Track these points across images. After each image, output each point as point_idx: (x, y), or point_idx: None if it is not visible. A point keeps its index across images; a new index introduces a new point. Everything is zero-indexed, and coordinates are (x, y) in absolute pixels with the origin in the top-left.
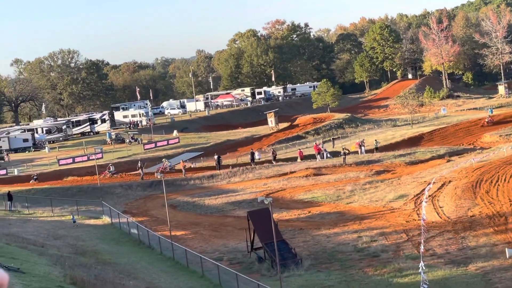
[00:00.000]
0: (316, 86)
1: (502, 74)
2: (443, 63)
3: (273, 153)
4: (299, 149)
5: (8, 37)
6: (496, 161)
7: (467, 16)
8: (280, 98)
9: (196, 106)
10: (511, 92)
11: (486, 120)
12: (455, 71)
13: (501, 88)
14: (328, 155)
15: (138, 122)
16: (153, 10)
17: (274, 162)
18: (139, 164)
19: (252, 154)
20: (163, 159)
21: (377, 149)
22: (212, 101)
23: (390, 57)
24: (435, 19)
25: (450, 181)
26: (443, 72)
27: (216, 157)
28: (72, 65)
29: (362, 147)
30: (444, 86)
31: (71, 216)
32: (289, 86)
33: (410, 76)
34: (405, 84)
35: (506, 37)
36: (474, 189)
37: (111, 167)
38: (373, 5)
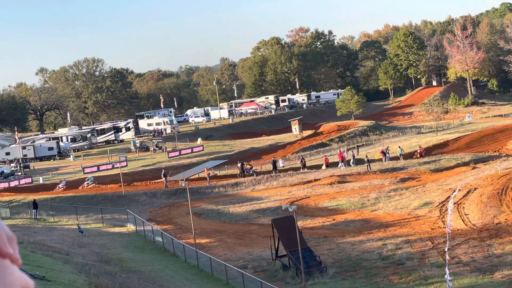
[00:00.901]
0: (340, 93)
1: None
2: (467, 70)
3: (302, 160)
4: (325, 156)
5: (34, 46)
6: None
7: (492, 23)
8: (304, 106)
9: (220, 114)
10: None
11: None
12: (480, 78)
13: None
14: (351, 163)
15: (163, 130)
16: (177, 19)
17: (303, 169)
18: (163, 172)
19: (274, 162)
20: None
21: (402, 155)
22: (236, 109)
23: (414, 64)
24: (459, 26)
25: (475, 188)
26: (467, 79)
27: (239, 165)
28: (97, 73)
29: (387, 155)
30: (469, 93)
31: (77, 226)
32: (313, 93)
33: (434, 83)
34: (430, 91)
35: None
36: (500, 196)
37: (89, 179)
38: (397, 12)
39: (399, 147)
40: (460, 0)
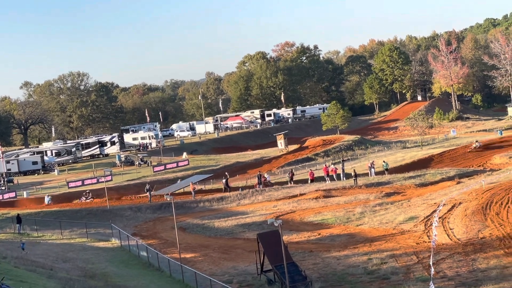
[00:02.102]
0: (326, 108)
1: None
2: (452, 85)
3: (289, 174)
4: (310, 170)
5: (18, 60)
6: (506, 182)
7: (476, 38)
8: (289, 120)
9: (205, 128)
10: None
11: (474, 145)
12: (464, 92)
13: (511, 110)
14: (342, 176)
15: (148, 145)
16: (162, 33)
17: (290, 183)
18: (147, 187)
19: (259, 177)
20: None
21: (387, 170)
22: (221, 123)
23: (399, 79)
24: (444, 41)
25: (460, 203)
26: (452, 93)
27: (224, 180)
28: (82, 87)
29: (372, 169)
30: (454, 107)
31: (20, 242)
32: (299, 108)
33: (419, 97)
34: (415, 105)
35: None
36: (484, 211)
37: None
38: (382, 27)
39: (384, 161)
40: (445, 15)
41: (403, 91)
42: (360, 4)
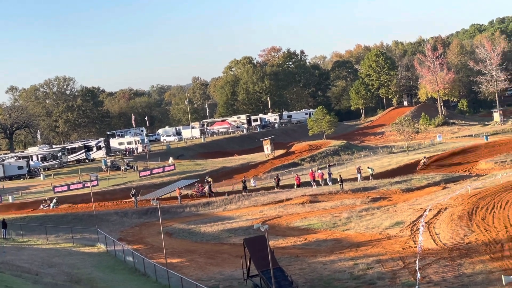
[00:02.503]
0: (312, 113)
1: (497, 101)
2: (438, 90)
3: (276, 179)
4: (296, 175)
5: (4, 64)
6: (492, 188)
7: (462, 44)
8: (276, 125)
9: (192, 133)
10: (506, 119)
11: (422, 161)
12: (450, 98)
13: (496, 115)
14: (328, 181)
15: (134, 149)
16: (148, 38)
17: (277, 188)
18: (132, 192)
19: (244, 182)
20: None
21: (372, 175)
22: (208, 128)
23: (385, 84)
24: (430, 47)
25: (446, 208)
26: (438, 99)
27: (207, 186)
28: (68, 92)
29: (359, 174)
30: (440, 113)
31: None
32: (285, 113)
33: (405, 103)
34: (401, 111)
35: (501, 64)
36: (470, 216)
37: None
38: (368, 33)
39: (368, 167)
40: (431, 21)
41: (389, 97)
42: (346, 9)
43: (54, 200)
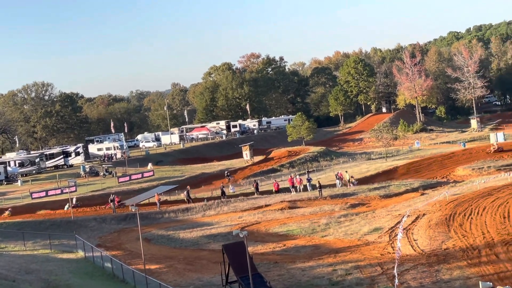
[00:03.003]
0: (291, 119)
1: (474, 108)
2: (416, 97)
3: (254, 184)
4: (275, 181)
5: None
6: (469, 194)
7: (440, 51)
8: (255, 131)
9: (171, 139)
10: (483, 126)
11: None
12: (428, 105)
13: (474, 122)
14: (308, 186)
15: (113, 155)
16: (128, 44)
17: (256, 194)
18: (111, 197)
19: (222, 188)
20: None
21: (349, 181)
22: (187, 134)
23: (364, 90)
24: (408, 54)
25: (424, 214)
26: (416, 105)
27: (185, 192)
28: (46, 98)
29: (338, 180)
30: (418, 119)
31: None
32: (264, 119)
33: (384, 109)
34: (379, 117)
35: (478, 71)
36: (448, 222)
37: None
38: (347, 39)
39: (346, 171)
40: (409, 28)
41: (368, 103)
42: (325, 16)
43: (75, 199)
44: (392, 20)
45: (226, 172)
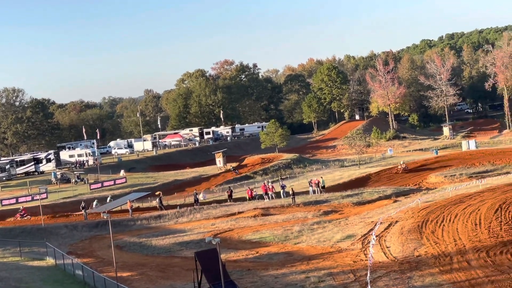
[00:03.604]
0: (265, 126)
1: (447, 115)
2: (389, 105)
3: (228, 191)
4: (248, 188)
5: None
6: (441, 201)
7: (413, 59)
8: (228, 138)
9: (143, 145)
10: (455, 133)
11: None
12: (401, 112)
13: (446, 130)
14: (282, 193)
15: (85, 162)
16: (100, 50)
17: (230, 200)
18: (82, 204)
19: (195, 195)
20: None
21: (324, 188)
22: (160, 140)
23: (337, 98)
24: (381, 61)
25: (396, 221)
26: (389, 113)
27: (157, 199)
28: (17, 103)
29: (311, 187)
30: (391, 127)
31: None
32: (238, 126)
33: (357, 117)
34: (353, 125)
35: (450, 79)
36: (420, 229)
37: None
38: (321, 47)
39: (321, 177)
40: (382, 36)
41: (341, 110)
42: (299, 23)
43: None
44: (366, 27)
45: (231, 167)
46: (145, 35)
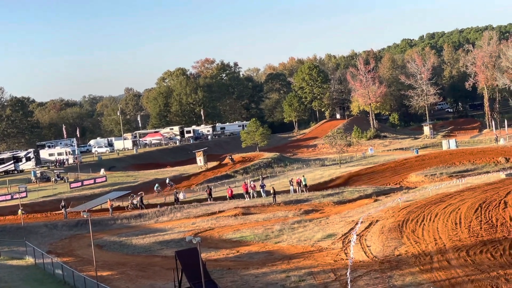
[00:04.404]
0: (245, 125)
1: (427, 115)
2: (370, 104)
3: (207, 190)
4: (229, 187)
5: None
6: (422, 200)
7: (393, 58)
8: (209, 137)
9: (124, 144)
10: (435, 133)
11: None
12: (382, 111)
13: (426, 129)
14: (262, 192)
15: (65, 161)
16: (81, 47)
17: (209, 199)
18: (62, 203)
19: (176, 194)
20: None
21: (306, 186)
22: (140, 139)
23: (318, 97)
24: (362, 60)
25: (377, 221)
26: (370, 112)
27: (139, 198)
28: None
29: (291, 186)
30: (372, 126)
31: None
32: (218, 125)
33: (338, 116)
34: (334, 124)
35: (431, 79)
36: (401, 228)
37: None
38: (301, 45)
39: (303, 175)
40: (363, 35)
41: (322, 109)
42: (280, 22)
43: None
44: (346, 26)
45: (229, 156)
46: (126, 33)
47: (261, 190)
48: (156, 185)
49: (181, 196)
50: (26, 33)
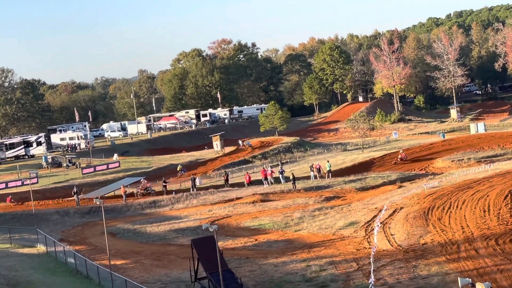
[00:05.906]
0: (264, 108)
1: (454, 97)
2: (394, 86)
3: (224, 176)
4: (247, 173)
5: None
6: (448, 187)
7: (419, 38)
8: (226, 121)
9: (137, 128)
10: (463, 116)
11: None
12: (407, 94)
13: (453, 112)
14: (281, 178)
15: (76, 145)
16: (92, 28)
17: (226, 186)
18: (74, 190)
19: (193, 180)
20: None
21: (330, 172)
22: (154, 123)
23: (340, 79)
24: (386, 40)
25: (401, 208)
26: (394, 95)
27: (163, 183)
28: (6, 84)
29: (312, 172)
30: (396, 109)
31: None
32: (236, 108)
33: (360, 98)
34: (356, 107)
35: (458, 59)
36: (426, 216)
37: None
38: (322, 25)
39: (328, 161)
40: (387, 14)
41: (344, 92)
42: (300, 0)
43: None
44: (370, 5)
45: (243, 141)
46: (139, 11)
47: (280, 176)
48: (179, 166)
49: (197, 182)
50: (35, 12)
